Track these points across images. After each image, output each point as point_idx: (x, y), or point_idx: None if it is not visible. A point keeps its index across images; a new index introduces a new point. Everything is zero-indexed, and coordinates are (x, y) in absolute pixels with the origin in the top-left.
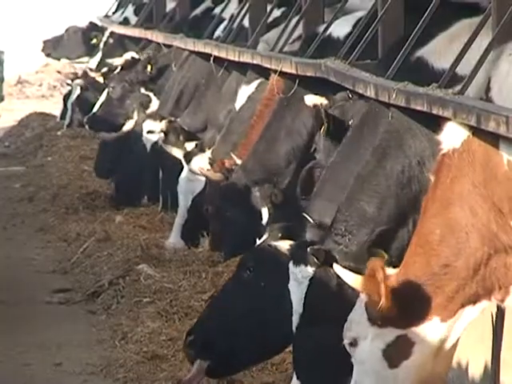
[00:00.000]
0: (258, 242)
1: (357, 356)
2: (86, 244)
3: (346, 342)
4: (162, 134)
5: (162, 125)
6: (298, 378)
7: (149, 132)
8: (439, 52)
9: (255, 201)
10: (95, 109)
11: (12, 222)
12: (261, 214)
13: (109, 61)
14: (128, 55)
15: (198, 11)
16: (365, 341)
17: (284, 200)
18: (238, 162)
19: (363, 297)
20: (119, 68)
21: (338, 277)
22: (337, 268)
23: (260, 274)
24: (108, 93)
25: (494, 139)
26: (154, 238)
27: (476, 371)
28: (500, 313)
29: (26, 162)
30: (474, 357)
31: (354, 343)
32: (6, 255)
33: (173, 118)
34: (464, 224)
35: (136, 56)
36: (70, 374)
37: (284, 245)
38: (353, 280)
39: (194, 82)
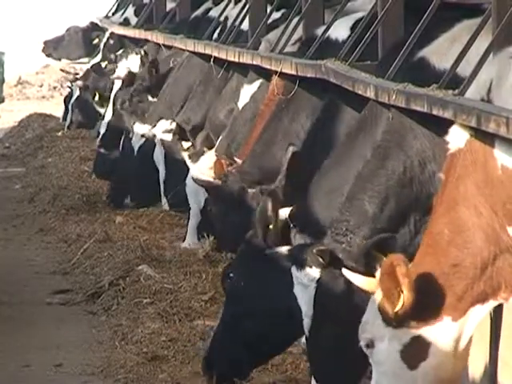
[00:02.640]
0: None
1: (374, 357)
2: (86, 245)
3: (362, 343)
4: (172, 136)
5: (174, 127)
6: (317, 382)
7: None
8: (441, 53)
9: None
10: (103, 128)
11: (12, 223)
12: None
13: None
14: (123, 68)
15: (198, 12)
16: (381, 342)
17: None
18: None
19: (376, 298)
20: (121, 83)
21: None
22: (346, 272)
23: (241, 277)
24: (115, 110)
25: (490, 142)
26: (154, 238)
27: (476, 371)
28: (498, 313)
29: (26, 163)
30: (474, 357)
31: (370, 345)
32: (6, 256)
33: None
34: (470, 224)
35: (132, 69)
36: (70, 374)
37: (283, 250)
38: (364, 282)
39: (190, 82)
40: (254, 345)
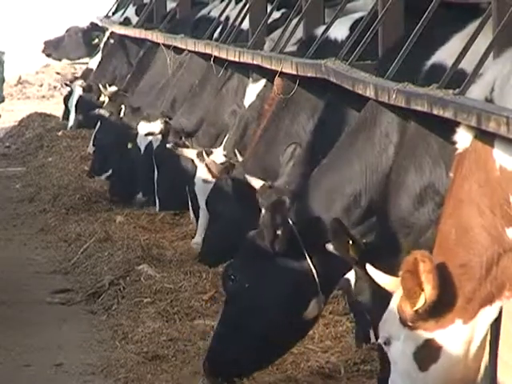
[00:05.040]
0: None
1: (390, 355)
2: (87, 244)
3: (380, 340)
4: (160, 136)
5: (160, 126)
6: None
7: (147, 134)
8: (455, 53)
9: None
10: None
11: (12, 223)
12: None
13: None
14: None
15: (205, 11)
16: (397, 341)
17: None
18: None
19: (396, 298)
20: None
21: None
22: (370, 269)
23: (244, 278)
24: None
25: (490, 142)
26: (154, 238)
27: None
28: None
29: (27, 162)
30: None
31: (387, 342)
32: (6, 256)
33: (167, 119)
34: (474, 223)
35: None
36: (71, 374)
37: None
38: (386, 281)
39: (187, 82)
40: (257, 346)
